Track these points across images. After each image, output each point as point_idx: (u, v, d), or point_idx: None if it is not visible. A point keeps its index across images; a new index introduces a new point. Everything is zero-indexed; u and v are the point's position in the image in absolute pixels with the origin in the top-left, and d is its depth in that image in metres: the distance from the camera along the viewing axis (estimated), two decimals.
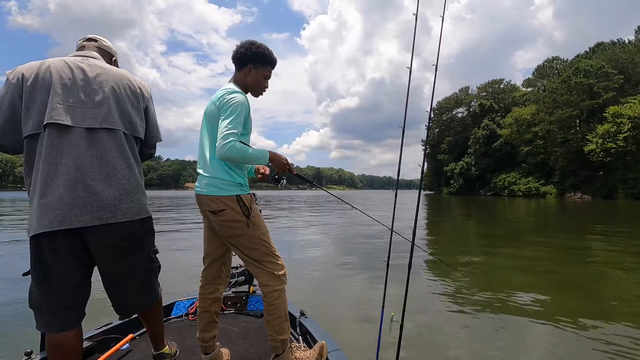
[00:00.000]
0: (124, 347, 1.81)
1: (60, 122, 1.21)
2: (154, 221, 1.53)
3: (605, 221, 13.51)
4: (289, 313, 1.99)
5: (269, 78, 1.70)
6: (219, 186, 1.51)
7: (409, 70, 1.63)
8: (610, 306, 3.58)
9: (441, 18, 1.44)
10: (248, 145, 1.49)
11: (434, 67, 1.46)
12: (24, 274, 1.32)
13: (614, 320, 3.08)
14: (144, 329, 1.99)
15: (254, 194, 1.69)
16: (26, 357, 1.51)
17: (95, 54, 1.44)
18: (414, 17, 1.51)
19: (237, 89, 1.55)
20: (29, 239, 1.24)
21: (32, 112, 1.23)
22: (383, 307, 1.79)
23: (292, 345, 1.62)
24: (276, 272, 1.56)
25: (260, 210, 1.72)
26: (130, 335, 1.90)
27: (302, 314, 2.05)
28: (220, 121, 1.45)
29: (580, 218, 15.36)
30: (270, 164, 1.59)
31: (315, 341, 1.75)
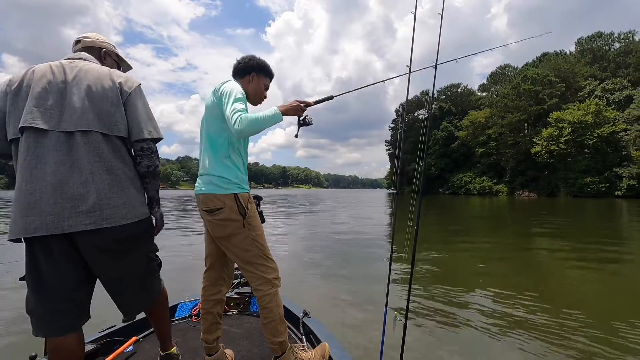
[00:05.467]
0: (127, 350, 1.78)
1: (35, 125, 1.19)
2: None
3: (545, 216, 14.76)
4: (292, 313, 1.99)
5: (267, 89, 1.75)
6: (216, 184, 1.48)
7: (408, 68, 1.64)
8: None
9: (440, 15, 1.46)
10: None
11: (434, 66, 1.48)
12: (21, 279, 1.29)
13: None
14: (148, 332, 1.99)
15: (260, 197, 1.63)
16: None
17: (83, 54, 1.42)
18: (412, 14, 1.51)
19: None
20: (23, 241, 1.21)
21: (14, 116, 1.23)
22: (386, 306, 1.79)
23: (294, 346, 1.60)
24: (268, 276, 1.53)
25: (262, 212, 1.66)
26: (134, 338, 1.87)
27: (306, 314, 2.03)
28: (223, 109, 1.44)
29: (526, 214, 16.66)
30: (285, 116, 1.53)
31: (318, 341, 1.75)
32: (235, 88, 1.49)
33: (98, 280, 1.34)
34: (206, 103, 1.57)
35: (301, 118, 1.62)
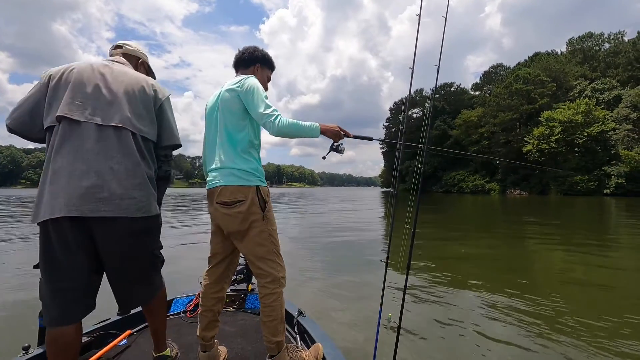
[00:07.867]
0: (121, 343, 1.77)
1: (70, 116, 1.27)
2: None
3: (536, 215, 15.00)
4: (287, 312, 1.98)
5: (269, 81, 1.78)
6: (239, 176, 1.47)
7: (410, 70, 1.67)
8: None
9: (444, 19, 1.49)
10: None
11: (436, 67, 1.51)
12: (35, 267, 1.32)
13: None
14: (143, 325, 1.99)
15: None
16: (24, 352, 1.48)
17: (121, 59, 1.52)
18: (411, 14, 1.54)
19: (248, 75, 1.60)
20: (38, 226, 1.25)
21: (53, 107, 1.31)
22: (381, 307, 1.78)
23: (289, 346, 1.59)
24: (277, 274, 1.53)
25: None
26: (128, 332, 1.86)
27: (300, 313, 2.02)
28: (252, 105, 1.46)
29: (517, 213, 16.90)
30: (322, 136, 1.57)
31: (313, 341, 1.74)
32: (260, 86, 1.51)
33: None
34: (220, 98, 1.55)
35: (335, 144, 1.64)
